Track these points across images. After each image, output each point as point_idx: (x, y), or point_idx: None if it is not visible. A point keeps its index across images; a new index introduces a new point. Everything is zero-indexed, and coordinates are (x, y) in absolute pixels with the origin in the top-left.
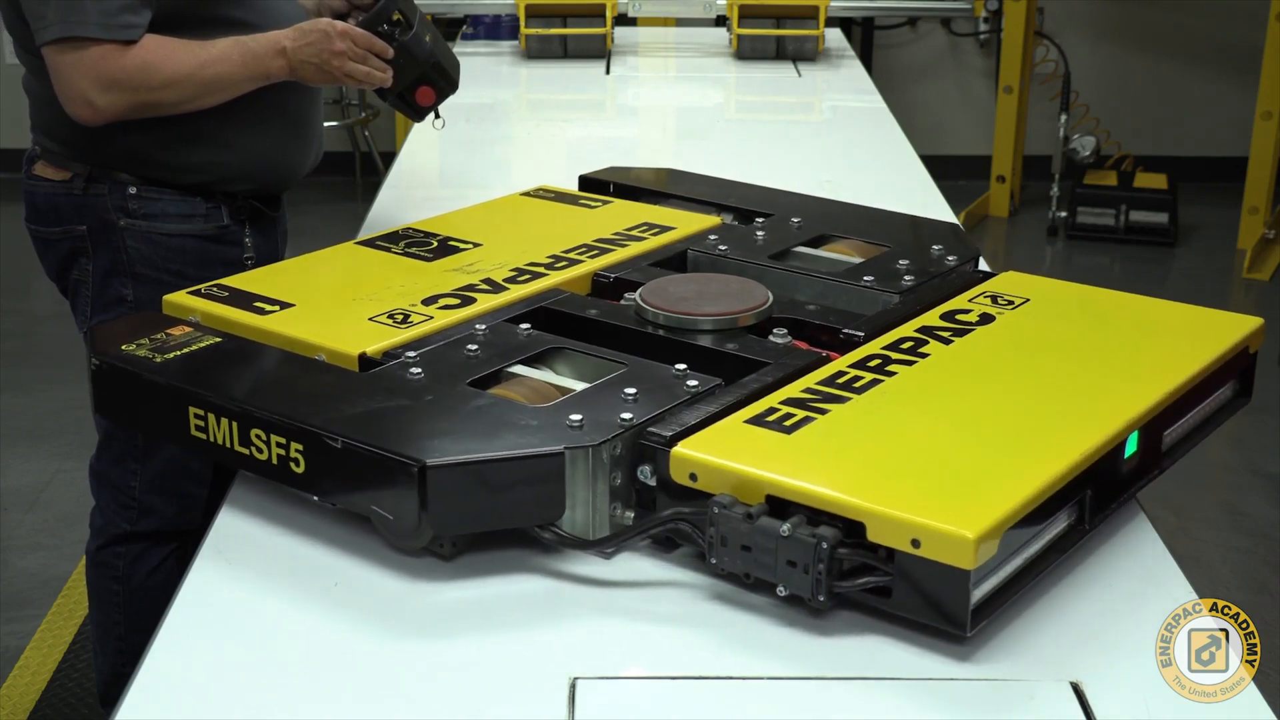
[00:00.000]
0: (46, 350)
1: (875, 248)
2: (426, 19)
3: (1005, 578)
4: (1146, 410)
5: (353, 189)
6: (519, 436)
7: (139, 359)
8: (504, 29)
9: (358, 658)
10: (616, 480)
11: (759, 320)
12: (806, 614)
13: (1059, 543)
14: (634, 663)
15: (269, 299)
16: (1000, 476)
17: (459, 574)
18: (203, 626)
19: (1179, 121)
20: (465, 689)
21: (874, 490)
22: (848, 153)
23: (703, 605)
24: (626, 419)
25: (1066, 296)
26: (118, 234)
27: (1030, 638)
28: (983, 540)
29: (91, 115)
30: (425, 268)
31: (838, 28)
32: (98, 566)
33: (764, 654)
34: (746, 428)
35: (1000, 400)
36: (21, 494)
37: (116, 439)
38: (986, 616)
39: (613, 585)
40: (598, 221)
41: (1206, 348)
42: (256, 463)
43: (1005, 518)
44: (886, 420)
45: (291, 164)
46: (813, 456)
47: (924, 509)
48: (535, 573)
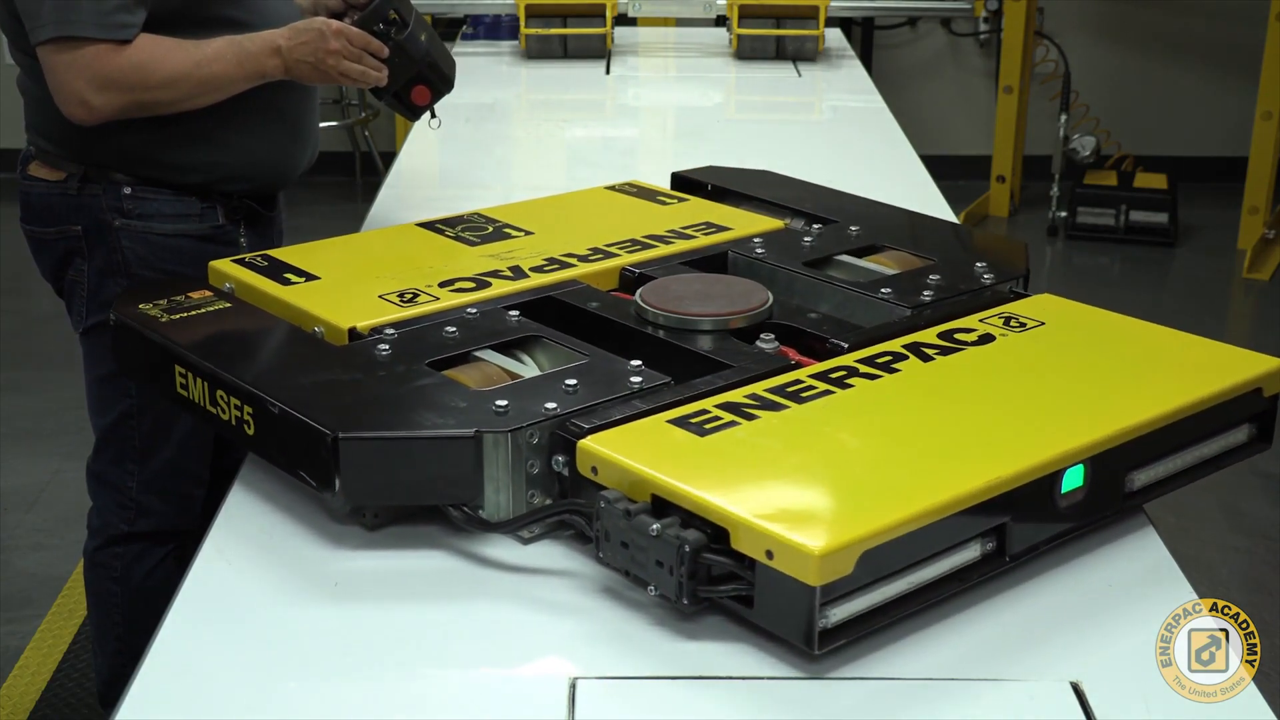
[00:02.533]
0: (46, 350)
1: (920, 260)
2: (423, 18)
3: (884, 599)
4: (1092, 445)
5: (353, 189)
6: (439, 417)
7: (146, 317)
8: (504, 29)
9: (358, 658)
10: (534, 468)
11: (750, 323)
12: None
13: (965, 572)
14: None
15: (300, 271)
16: (885, 496)
17: (460, 573)
18: (203, 626)
19: (1179, 121)
20: (465, 689)
21: (745, 498)
22: (848, 153)
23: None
24: (550, 408)
25: (1087, 323)
26: (113, 234)
27: (1030, 638)
28: (828, 557)
29: (86, 115)
30: (465, 252)
31: (838, 28)
32: (96, 567)
33: (764, 653)
34: (667, 427)
35: (937, 421)
36: (21, 494)
37: (113, 440)
38: (852, 636)
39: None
40: (660, 218)
41: (1194, 387)
42: (222, 423)
43: (862, 537)
44: (807, 432)
45: (287, 163)
46: (709, 461)
47: (782, 520)
48: (536, 574)
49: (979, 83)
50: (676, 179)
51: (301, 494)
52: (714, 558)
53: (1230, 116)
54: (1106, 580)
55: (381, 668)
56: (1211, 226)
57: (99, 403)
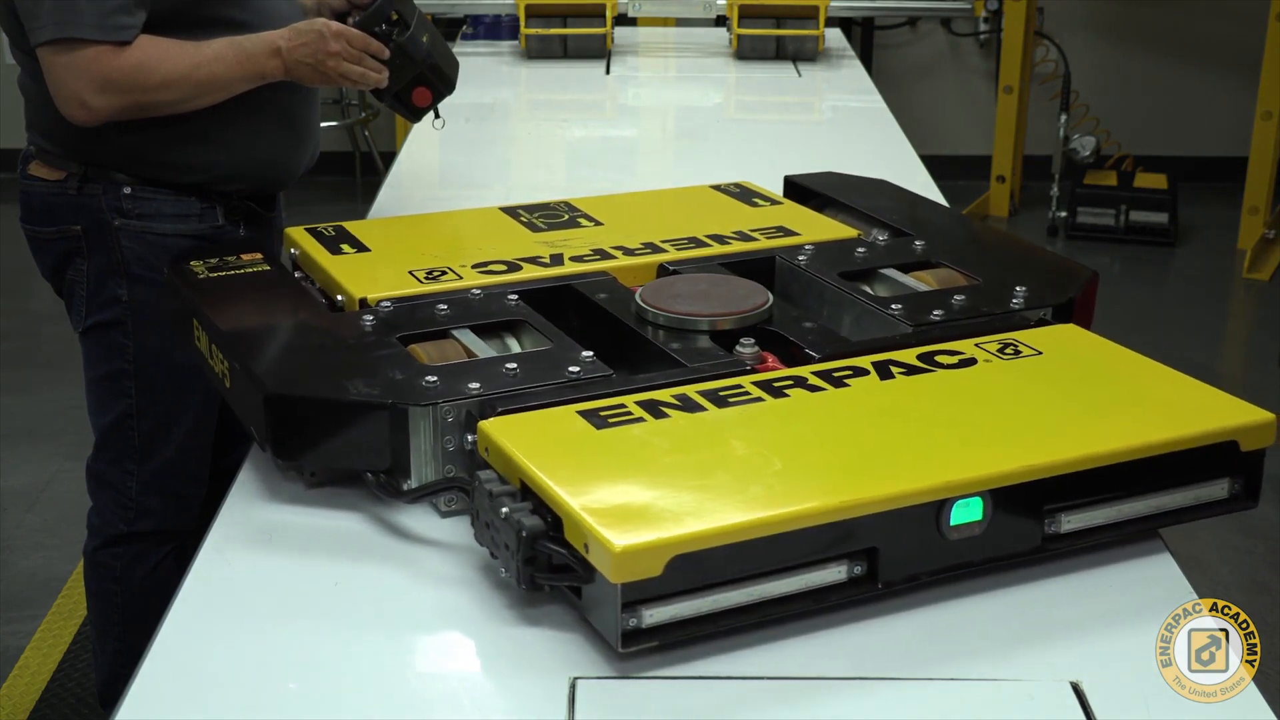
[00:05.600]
0: (46, 350)
1: (966, 279)
2: (425, 19)
3: (718, 608)
4: (989, 478)
5: (353, 189)
6: (369, 386)
7: (187, 273)
8: (504, 29)
9: (358, 658)
10: (450, 444)
11: (738, 326)
12: (806, 613)
13: (824, 592)
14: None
15: (358, 243)
16: (718, 505)
17: (459, 576)
18: (203, 626)
19: (1179, 121)
20: (466, 689)
21: (587, 491)
22: (848, 153)
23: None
24: (474, 388)
25: (1087, 358)
26: (112, 234)
27: (1030, 638)
28: (628, 555)
29: (86, 116)
30: (525, 237)
31: (838, 28)
32: (95, 567)
33: (763, 653)
34: (573, 418)
35: (839, 439)
36: (21, 494)
37: (113, 440)
38: (671, 639)
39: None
40: (739, 219)
41: (1143, 433)
42: (217, 379)
43: (671, 541)
44: (703, 436)
45: (288, 164)
46: (584, 453)
47: (603, 515)
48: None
49: (979, 83)
50: (789, 183)
51: (301, 493)
52: (552, 546)
53: (1230, 116)
54: (1106, 580)
55: (382, 667)
56: (1211, 226)
57: (98, 402)
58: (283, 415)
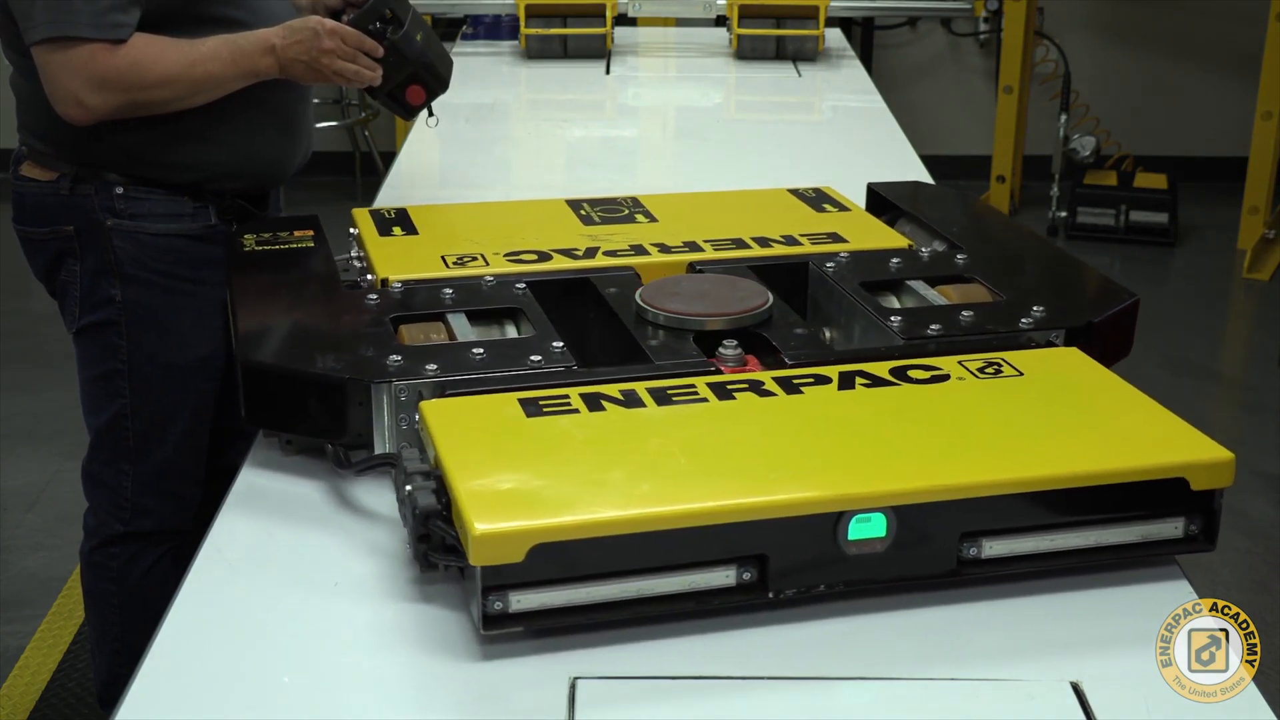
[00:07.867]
0: (46, 350)
1: (990, 295)
2: (420, 18)
3: (592, 600)
4: (889, 495)
5: (353, 189)
6: (335, 361)
7: (237, 245)
8: (504, 29)
9: (358, 658)
10: (403, 422)
11: (729, 328)
12: (807, 612)
13: (710, 595)
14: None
15: (410, 226)
16: (593, 499)
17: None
18: (202, 627)
19: (1179, 121)
20: (465, 689)
21: (477, 476)
22: (848, 153)
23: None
24: (430, 370)
25: (1069, 384)
26: (105, 234)
27: (1030, 638)
28: (486, 539)
29: (81, 115)
30: (574, 230)
31: (838, 28)
32: (92, 568)
33: (765, 654)
34: (511, 404)
35: (756, 444)
36: (21, 494)
37: (108, 440)
38: (537, 626)
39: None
40: (798, 223)
41: (1076, 463)
42: (235, 346)
43: (529, 530)
44: (625, 432)
45: (280, 161)
46: (501, 440)
47: (477, 500)
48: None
49: (979, 83)
50: (870, 191)
51: (302, 493)
52: (444, 527)
53: (1230, 116)
54: (1106, 580)
55: (381, 667)
56: (1211, 226)
57: (93, 403)
58: (255, 383)
